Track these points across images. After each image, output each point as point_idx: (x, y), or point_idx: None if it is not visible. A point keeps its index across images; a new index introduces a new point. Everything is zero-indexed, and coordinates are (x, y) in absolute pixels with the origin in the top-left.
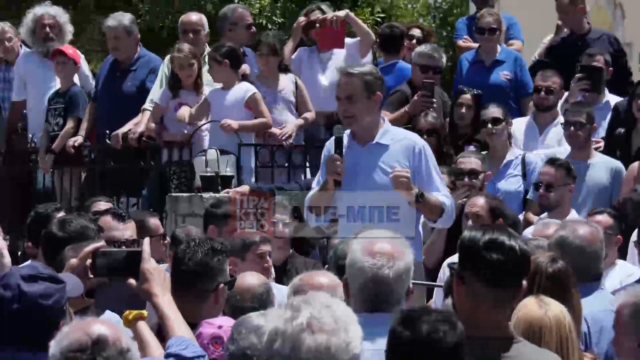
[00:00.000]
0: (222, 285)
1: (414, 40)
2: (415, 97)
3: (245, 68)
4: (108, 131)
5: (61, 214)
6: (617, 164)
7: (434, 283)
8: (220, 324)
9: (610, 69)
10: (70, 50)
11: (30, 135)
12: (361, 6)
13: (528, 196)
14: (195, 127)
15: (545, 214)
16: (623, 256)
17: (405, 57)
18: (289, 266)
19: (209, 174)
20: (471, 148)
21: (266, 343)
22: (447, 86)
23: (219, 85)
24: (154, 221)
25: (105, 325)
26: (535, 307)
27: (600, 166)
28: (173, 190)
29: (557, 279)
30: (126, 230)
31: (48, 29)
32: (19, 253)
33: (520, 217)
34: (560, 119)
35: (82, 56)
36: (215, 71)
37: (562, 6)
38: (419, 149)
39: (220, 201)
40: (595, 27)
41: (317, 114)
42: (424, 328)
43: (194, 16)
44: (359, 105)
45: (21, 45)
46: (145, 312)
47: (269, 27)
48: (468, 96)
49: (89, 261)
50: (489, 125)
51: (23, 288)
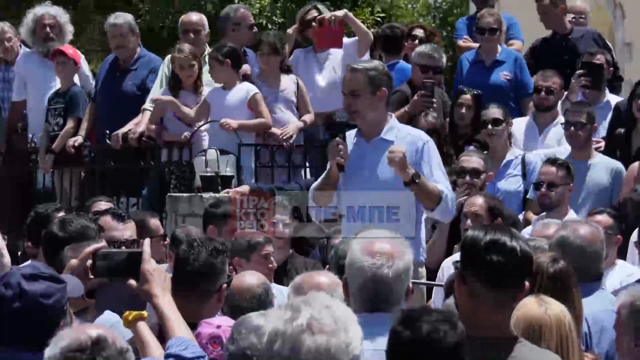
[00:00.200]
0: (225, 285)
1: (417, 40)
2: (415, 97)
3: (246, 68)
4: (108, 131)
5: (61, 214)
6: (618, 164)
7: (434, 282)
8: (218, 324)
9: (611, 69)
10: (70, 50)
11: (30, 135)
12: (361, 6)
13: (528, 196)
14: (195, 128)
15: (544, 214)
16: (623, 256)
17: (408, 58)
18: (288, 266)
19: (209, 174)
20: (471, 148)
21: (266, 344)
22: (448, 86)
23: (219, 85)
24: (154, 222)
25: (101, 328)
26: (535, 306)
27: (601, 167)
28: (173, 190)
29: (559, 279)
30: (126, 231)
31: (48, 29)
32: (19, 253)
33: (520, 217)
34: (560, 119)
35: (83, 56)
36: (217, 71)
37: (543, 7)
38: (422, 144)
39: (219, 201)
40: (577, 27)
41: (315, 115)
42: (425, 328)
43: (195, 16)
44: (362, 100)
45: (21, 45)
46: (145, 313)
47: (269, 27)
48: (468, 96)
49: (89, 262)
50: (490, 125)
51: (24, 287)
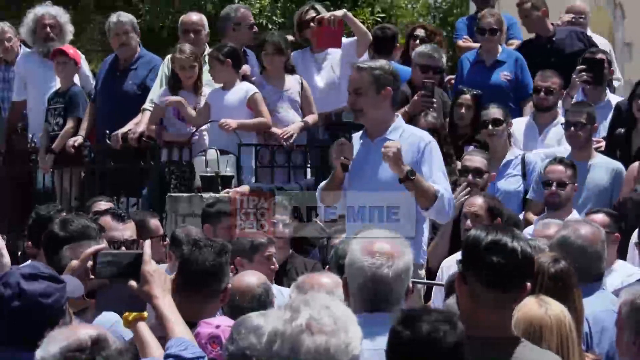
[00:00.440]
0: (230, 285)
1: (417, 40)
2: (415, 97)
3: (246, 68)
4: (108, 131)
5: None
6: (618, 164)
7: (434, 282)
8: (218, 324)
9: (612, 68)
10: (70, 50)
11: (30, 135)
12: (361, 6)
13: (528, 196)
14: (194, 128)
15: (545, 214)
16: (623, 257)
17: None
18: (288, 266)
19: (209, 174)
20: (471, 148)
21: (265, 344)
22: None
23: (219, 85)
24: (154, 222)
25: (98, 328)
26: (536, 306)
27: (601, 167)
28: (173, 191)
29: (560, 279)
30: (126, 231)
31: (49, 29)
32: (19, 253)
33: (520, 217)
34: (561, 119)
35: (83, 56)
36: (217, 71)
37: (525, 11)
38: (424, 145)
39: (215, 200)
40: (559, 27)
41: None
42: (425, 328)
43: (195, 16)
44: (366, 99)
45: (21, 45)
46: (145, 314)
47: (269, 27)
48: (468, 96)
49: (89, 263)
50: (490, 126)
51: (23, 286)
